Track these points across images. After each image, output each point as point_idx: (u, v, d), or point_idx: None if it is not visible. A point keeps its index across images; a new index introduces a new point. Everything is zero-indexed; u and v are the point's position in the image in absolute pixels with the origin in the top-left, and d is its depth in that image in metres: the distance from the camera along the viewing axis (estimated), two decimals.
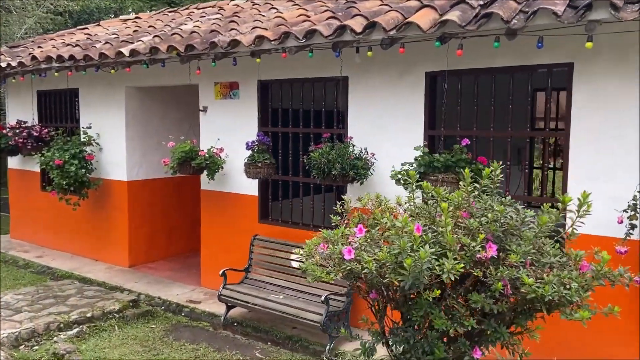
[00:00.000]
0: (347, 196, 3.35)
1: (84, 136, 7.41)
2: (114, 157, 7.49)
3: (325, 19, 4.79)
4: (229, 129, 6.29)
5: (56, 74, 6.97)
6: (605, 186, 3.96)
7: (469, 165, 4.16)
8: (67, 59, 6.57)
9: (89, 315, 5.46)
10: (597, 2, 3.34)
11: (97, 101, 7.65)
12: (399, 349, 2.72)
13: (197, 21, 6.74)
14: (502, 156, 3.99)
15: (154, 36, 6.18)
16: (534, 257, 2.38)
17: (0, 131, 8.24)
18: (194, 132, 6.59)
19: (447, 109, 4.62)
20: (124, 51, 5.96)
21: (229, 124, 6.31)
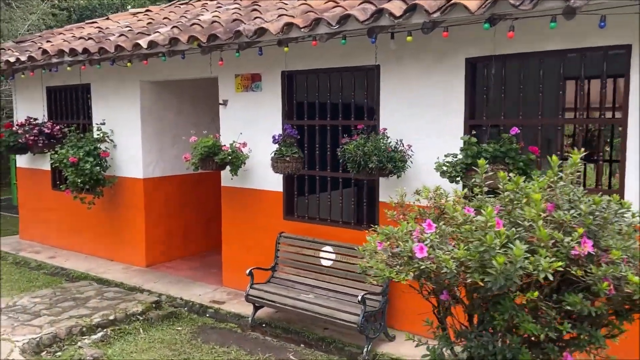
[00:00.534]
0: (401, 188, 3.12)
1: (97, 132, 7.17)
2: (129, 154, 7.24)
3: (358, 4, 4.54)
4: (250, 123, 6.05)
5: (68, 68, 6.72)
6: None
7: (518, 155, 3.93)
8: (80, 52, 6.32)
9: (111, 318, 5.23)
10: None
11: (110, 96, 7.39)
12: (472, 354, 2.49)
13: (214, 12, 6.48)
14: (547, 146, 3.77)
15: (172, 27, 5.92)
16: (635, 253, 2.15)
17: (8, 129, 8.00)
18: (215, 126, 6.34)
19: (489, 97, 4.39)
20: (142, 43, 5.71)
21: (250, 117, 6.06)
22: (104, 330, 5.02)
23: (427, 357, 2.59)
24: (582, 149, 2.53)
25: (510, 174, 2.60)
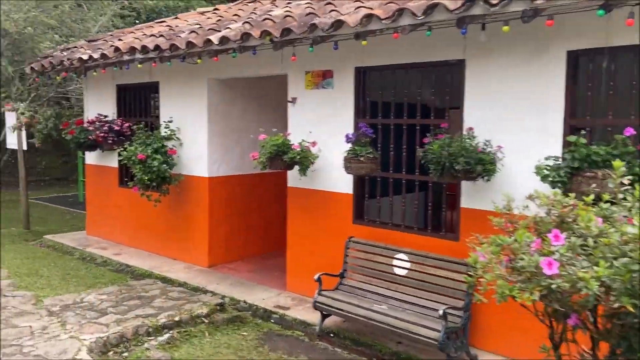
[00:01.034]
0: (507, 193, 2.75)
1: (165, 130, 7.14)
2: (195, 152, 7.17)
3: None
4: (319, 122, 5.79)
5: (139, 66, 6.72)
6: None
7: (634, 159, 3.45)
8: (151, 49, 6.29)
9: (177, 319, 5.10)
10: None
11: (177, 94, 7.36)
12: None
13: (285, 7, 6.29)
14: None
15: (243, 23, 5.76)
16: None
17: (80, 125, 8.15)
18: (279, 126, 6.13)
19: (595, 94, 3.92)
20: (213, 39, 5.58)
21: (320, 115, 5.81)
22: (170, 331, 4.89)
23: None
24: None
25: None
